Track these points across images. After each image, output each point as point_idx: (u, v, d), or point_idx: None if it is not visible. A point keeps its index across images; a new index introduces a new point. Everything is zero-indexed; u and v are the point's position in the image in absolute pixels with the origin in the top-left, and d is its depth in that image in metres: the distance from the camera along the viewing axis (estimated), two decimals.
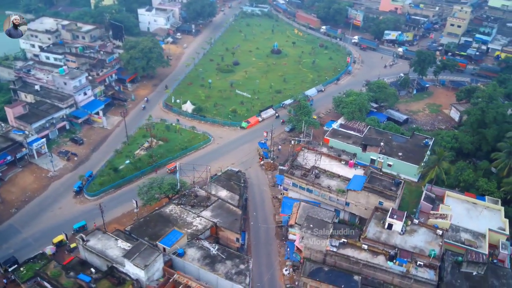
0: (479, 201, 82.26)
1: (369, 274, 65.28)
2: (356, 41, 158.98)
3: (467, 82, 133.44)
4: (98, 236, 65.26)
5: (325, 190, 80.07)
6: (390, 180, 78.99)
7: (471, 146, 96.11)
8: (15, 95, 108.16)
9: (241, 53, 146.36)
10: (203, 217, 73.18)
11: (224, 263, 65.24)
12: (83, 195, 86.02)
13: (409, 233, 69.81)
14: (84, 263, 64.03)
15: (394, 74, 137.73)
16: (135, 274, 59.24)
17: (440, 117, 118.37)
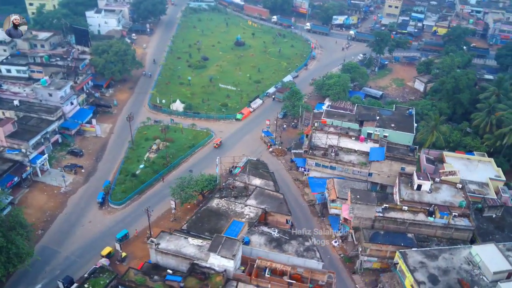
0: (471, 156, 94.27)
1: (415, 231, 72.96)
2: (309, 28, 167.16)
3: (417, 57, 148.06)
4: (166, 238, 65.10)
5: (348, 165, 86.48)
6: (405, 148, 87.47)
7: (448, 111, 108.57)
8: None
9: (205, 48, 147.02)
10: (250, 205, 75.61)
11: (290, 243, 68.74)
12: (109, 205, 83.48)
13: (435, 191, 78.72)
14: (156, 266, 63.73)
15: (353, 55, 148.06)
16: (221, 266, 60.58)
17: (407, 90, 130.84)
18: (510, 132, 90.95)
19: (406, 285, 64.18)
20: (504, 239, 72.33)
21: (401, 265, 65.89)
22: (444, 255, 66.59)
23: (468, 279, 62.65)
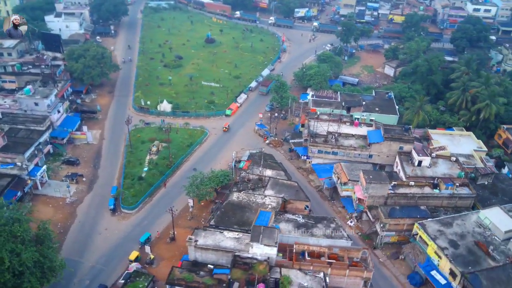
0: (452, 131, 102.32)
1: (424, 204, 78.78)
2: (273, 21, 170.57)
3: (380, 44, 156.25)
4: (202, 235, 65.84)
5: (349, 149, 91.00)
6: (399, 128, 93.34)
7: (423, 92, 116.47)
8: None
9: (176, 47, 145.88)
10: (270, 195, 77.82)
11: (316, 226, 71.87)
12: (121, 211, 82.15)
13: (433, 166, 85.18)
14: (196, 263, 64.41)
15: (321, 46, 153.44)
16: (263, 254, 62.46)
17: (378, 75, 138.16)
18: (486, 106, 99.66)
19: (429, 252, 69.52)
20: (500, 203, 79.78)
21: (421, 235, 71.20)
22: (457, 221, 72.79)
23: (483, 240, 69.07)
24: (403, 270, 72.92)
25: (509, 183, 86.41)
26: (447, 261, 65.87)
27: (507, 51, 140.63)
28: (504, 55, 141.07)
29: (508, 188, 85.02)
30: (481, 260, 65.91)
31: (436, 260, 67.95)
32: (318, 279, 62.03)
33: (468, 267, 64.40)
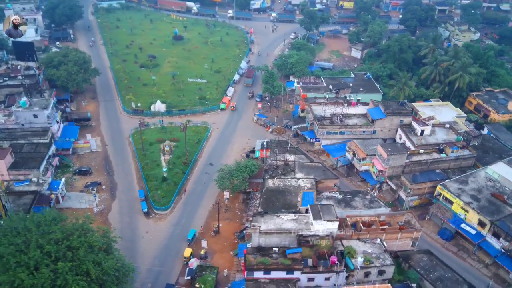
0: (432, 103, 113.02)
1: (435, 168, 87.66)
2: (231, 15, 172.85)
3: (339, 29, 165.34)
4: (261, 221, 68.45)
5: (355, 128, 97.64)
6: (396, 103, 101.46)
7: (396, 70, 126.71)
8: None
9: (145, 47, 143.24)
10: (301, 178, 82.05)
11: (354, 200, 77.71)
12: (155, 213, 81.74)
13: (433, 133, 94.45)
14: (260, 248, 67.06)
15: (285, 35, 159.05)
16: (325, 230, 66.80)
17: (346, 59, 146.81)
18: (460, 77, 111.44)
19: (454, 209, 78.15)
20: (493, 159, 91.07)
21: (444, 195, 79.66)
22: (470, 179, 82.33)
23: (497, 191, 79.08)
24: (431, 228, 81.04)
25: (494, 141, 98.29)
26: (474, 213, 74.80)
27: (453, 27, 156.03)
28: (451, 31, 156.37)
29: (495, 145, 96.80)
30: (501, 208, 75.70)
31: (463, 214, 76.71)
32: (377, 244, 67.76)
33: (494, 216, 73.79)
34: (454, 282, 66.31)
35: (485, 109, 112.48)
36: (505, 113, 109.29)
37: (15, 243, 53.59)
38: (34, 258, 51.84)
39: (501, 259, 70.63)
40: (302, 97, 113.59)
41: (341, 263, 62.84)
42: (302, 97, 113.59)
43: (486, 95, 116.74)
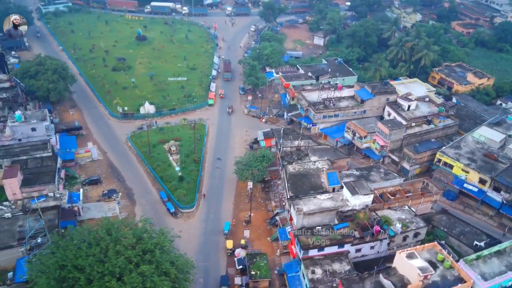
0: (403, 80, 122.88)
1: (427, 138, 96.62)
2: (187, 11, 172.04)
3: (295, 19, 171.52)
4: (300, 203, 72.01)
5: (347, 109, 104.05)
6: (379, 84, 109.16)
7: (363, 53, 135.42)
8: None
9: (110, 50, 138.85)
10: (317, 160, 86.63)
11: (371, 174, 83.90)
12: (181, 212, 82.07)
13: (417, 108, 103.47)
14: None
15: (244, 28, 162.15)
16: (362, 203, 71.99)
17: (310, 47, 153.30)
18: (425, 55, 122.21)
19: (455, 172, 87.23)
20: (470, 125, 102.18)
21: (445, 160, 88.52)
22: (462, 144, 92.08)
23: (487, 152, 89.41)
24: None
25: (466, 109, 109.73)
26: (475, 173, 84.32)
27: (399, 10, 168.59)
28: (397, 14, 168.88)
29: (467, 113, 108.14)
30: (495, 166, 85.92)
31: (464, 175, 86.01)
32: (406, 211, 74.35)
33: (492, 173, 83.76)
34: (474, 234, 74.89)
35: (449, 82, 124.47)
36: (467, 84, 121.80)
37: (92, 254, 52.47)
38: (118, 265, 51.32)
39: (504, 210, 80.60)
40: (285, 86, 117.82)
41: (384, 231, 68.44)
42: (285, 86, 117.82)
43: (446, 70, 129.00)
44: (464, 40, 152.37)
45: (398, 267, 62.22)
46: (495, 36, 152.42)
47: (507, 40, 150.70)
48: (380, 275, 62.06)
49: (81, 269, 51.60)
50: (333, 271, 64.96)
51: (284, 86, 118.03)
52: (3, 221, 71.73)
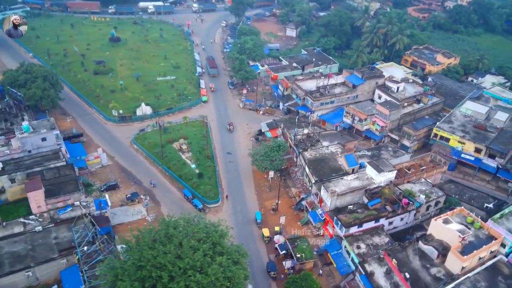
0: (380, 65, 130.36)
1: (420, 116, 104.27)
2: (153, 10, 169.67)
3: (262, 13, 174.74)
4: (331, 186, 76.08)
5: (342, 95, 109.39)
6: (366, 69, 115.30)
7: (339, 41, 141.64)
8: None
9: (85, 53, 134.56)
10: (329, 145, 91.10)
11: (381, 153, 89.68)
12: (208, 207, 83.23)
13: (404, 89, 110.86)
14: (338, 209, 75.03)
15: (215, 23, 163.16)
16: (386, 180, 77.36)
17: (284, 38, 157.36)
18: (399, 40, 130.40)
19: (451, 144, 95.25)
20: (453, 101, 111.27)
21: (441, 135, 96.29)
22: (452, 118, 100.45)
23: (476, 123, 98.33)
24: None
25: (444, 87, 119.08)
26: (470, 143, 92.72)
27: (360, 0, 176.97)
28: (358, 3, 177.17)
29: (446, 90, 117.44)
30: (485, 135, 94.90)
31: (460, 146, 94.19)
32: (424, 183, 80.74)
33: (485, 142, 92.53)
34: (482, 198, 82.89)
35: (421, 64, 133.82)
36: (438, 64, 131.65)
37: (168, 252, 53.06)
38: (197, 259, 52.43)
39: (500, 173, 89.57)
40: (274, 77, 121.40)
41: (412, 203, 74.24)
42: (274, 77, 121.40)
43: (416, 52, 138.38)
44: (422, 25, 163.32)
45: (435, 233, 68.00)
46: (450, 19, 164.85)
47: (461, 22, 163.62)
48: (420, 242, 67.58)
49: (160, 267, 52.12)
50: (375, 244, 69.68)
51: (273, 77, 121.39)
52: (35, 235, 69.27)
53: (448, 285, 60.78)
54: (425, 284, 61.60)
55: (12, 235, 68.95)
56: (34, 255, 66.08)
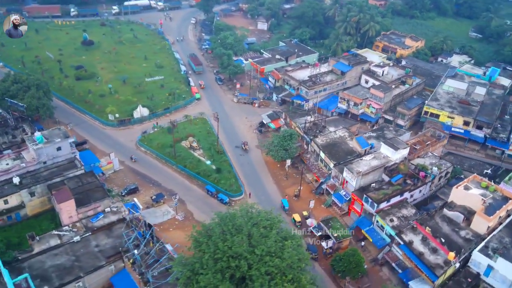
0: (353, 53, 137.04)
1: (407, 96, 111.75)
2: (117, 10, 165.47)
3: (229, 8, 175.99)
4: (354, 167, 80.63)
5: (333, 82, 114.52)
6: (350, 56, 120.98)
7: (313, 32, 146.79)
8: None
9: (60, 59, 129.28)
10: (336, 130, 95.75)
11: (384, 133, 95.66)
12: (234, 200, 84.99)
13: (389, 72, 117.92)
14: (362, 188, 79.86)
15: (184, 21, 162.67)
16: (401, 157, 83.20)
17: (256, 32, 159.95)
18: (371, 27, 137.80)
19: (441, 119, 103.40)
20: (430, 81, 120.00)
21: (431, 112, 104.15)
22: (437, 96, 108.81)
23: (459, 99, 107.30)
24: None
25: (419, 68, 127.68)
26: (459, 117, 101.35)
27: None
28: None
29: (422, 71, 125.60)
30: (470, 109, 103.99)
31: (450, 121, 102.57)
32: (431, 156, 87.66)
33: (472, 115, 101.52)
34: (480, 165, 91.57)
35: (392, 48, 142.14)
36: (408, 48, 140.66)
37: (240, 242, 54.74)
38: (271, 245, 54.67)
39: (489, 142, 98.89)
40: (261, 70, 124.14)
41: (428, 175, 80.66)
42: (261, 70, 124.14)
43: (385, 38, 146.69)
44: (382, 12, 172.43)
45: (456, 199, 74.60)
46: (406, 5, 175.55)
47: (417, 7, 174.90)
48: (444, 209, 73.96)
49: (237, 257, 53.77)
50: (404, 216, 75.26)
51: (260, 70, 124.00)
52: (75, 245, 67.85)
53: (480, 244, 67.43)
54: (459, 246, 67.88)
55: (51, 248, 67.15)
56: (80, 265, 64.95)
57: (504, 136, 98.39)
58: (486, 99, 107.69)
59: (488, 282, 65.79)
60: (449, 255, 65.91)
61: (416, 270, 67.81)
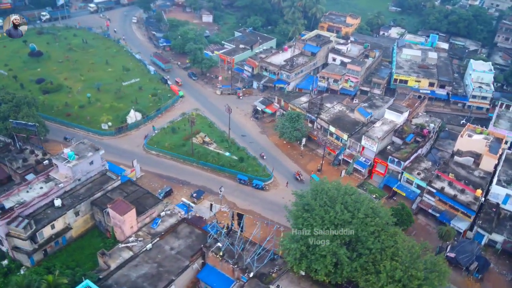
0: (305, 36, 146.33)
1: (374, 68, 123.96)
2: (48, 17, 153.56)
3: (164, 3, 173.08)
4: (369, 134, 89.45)
5: (307, 64, 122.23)
6: (314, 37, 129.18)
7: (262, 19, 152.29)
8: None
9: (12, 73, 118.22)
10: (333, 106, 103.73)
11: (374, 102, 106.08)
12: (268, 185, 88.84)
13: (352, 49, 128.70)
14: (381, 152, 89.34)
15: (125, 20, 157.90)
16: (404, 119, 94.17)
17: (203, 25, 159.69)
18: (318, 10, 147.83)
19: (410, 84, 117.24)
20: (384, 51, 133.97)
21: (400, 78, 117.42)
22: (400, 64, 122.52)
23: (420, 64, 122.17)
24: None
25: (369, 42, 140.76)
26: (425, 80, 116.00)
27: None
28: None
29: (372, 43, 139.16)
30: (430, 72, 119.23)
31: (417, 84, 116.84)
32: (424, 115, 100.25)
33: (434, 77, 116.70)
34: (454, 118, 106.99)
35: (336, 27, 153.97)
36: (351, 26, 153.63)
37: (340, 210, 60.07)
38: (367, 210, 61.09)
39: (452, 98, 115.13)
40: (232, 61, 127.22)
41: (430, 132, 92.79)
42: (232, 61, 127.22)
43: (327, 19, 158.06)
44: None
45: (462, 146, 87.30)
46: None
47: None
48: (455, 157, 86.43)
49: (343, 224, 59.04)
50: (425, 168, 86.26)
51: (231, 61, 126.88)
52: (150, 253, 66.89)
53: (494, 178, 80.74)
54: (478, 184, 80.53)
55: (127, 260, 65.57)
56: (167, 270, 64.75)
57: (462, 91, 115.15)
58: (438, 62, 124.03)
59: (507, 209, 79.24)
60: (477, 192, 78.07)
61: (451, 210, 79.00)
